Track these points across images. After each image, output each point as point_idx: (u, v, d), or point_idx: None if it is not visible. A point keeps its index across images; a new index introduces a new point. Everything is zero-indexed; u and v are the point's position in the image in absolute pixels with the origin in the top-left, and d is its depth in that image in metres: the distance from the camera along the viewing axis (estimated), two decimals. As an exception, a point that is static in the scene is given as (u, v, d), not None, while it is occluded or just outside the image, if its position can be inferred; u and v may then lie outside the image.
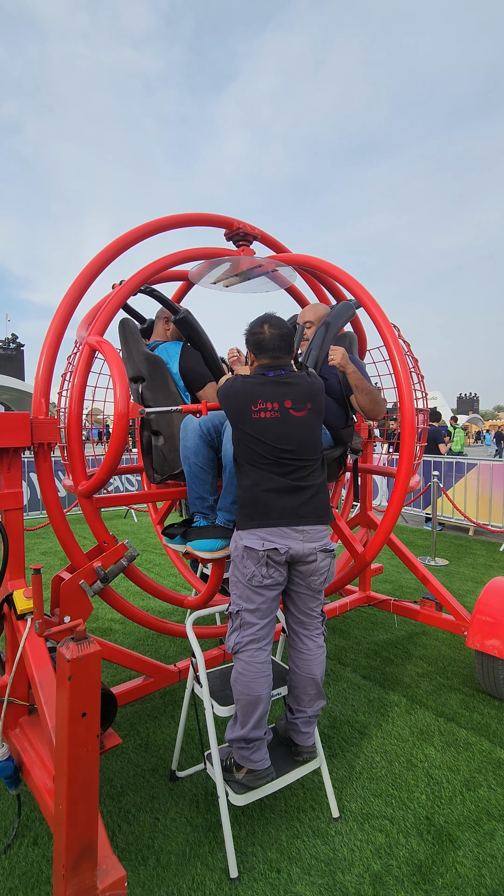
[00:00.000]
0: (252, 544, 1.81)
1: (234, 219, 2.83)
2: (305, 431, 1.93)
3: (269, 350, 2.00)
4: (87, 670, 1.18)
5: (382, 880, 1.69)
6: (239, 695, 1.82)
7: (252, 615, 1.83)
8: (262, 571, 1.81)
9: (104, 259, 2.34)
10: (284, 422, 1.89)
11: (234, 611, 1.87)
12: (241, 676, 1.82)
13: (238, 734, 1.83)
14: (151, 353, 2.48)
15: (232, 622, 1.88)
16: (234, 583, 1.88)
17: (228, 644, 1.88)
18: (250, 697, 1.80)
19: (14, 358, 27.77)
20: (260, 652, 1.84)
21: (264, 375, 1.97)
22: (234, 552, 1.88)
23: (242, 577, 1.84)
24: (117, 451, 2.03)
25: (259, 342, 2.01)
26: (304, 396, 1.94)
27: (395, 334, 2.48)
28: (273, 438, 1.87)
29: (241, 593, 1.85)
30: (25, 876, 1.72)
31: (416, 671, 3.12)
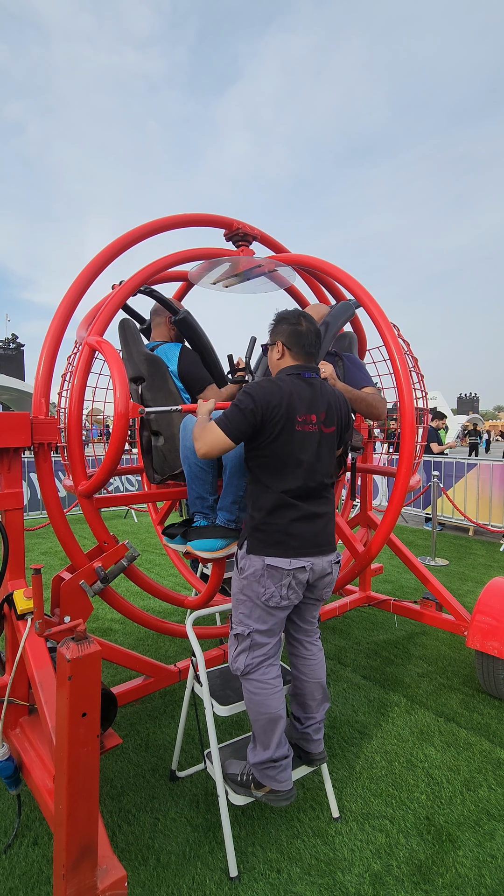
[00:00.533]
0: (277, 563, 1.68)
1: (233, 219, 2.83)
2: (331, 451, 1.79)
3: (306, 346, 1.81)
4: (87, 670, 1.18)
5: (382, 880, 1.69)
6: (256, 716, 1.74)
7: (263, 635, 1.75)
8: (281, 592, 1.69)
9: (104, 259, 2.34)
10: (318, 438, 1.73)
11: (244, 632, 1.74)
12: (256, 696, 1.73)
13: (263, 756, 1.74)
14: (151, 353, 2.48)
15: (238, 643, 1.77)
16: (242, 602, 1.75)
17: (236, 666, 1.77)
18: (269, 716, 1.73)
19: (14, 358, 27.80)
20: (271, 668, 1.77)
21: (300, 377, 1.76)
22: (250, 570, 1.72)
23: (257, 596, 1.70)
24: (117, 451, 2.03)
25: (298, 334, 1.80)
26: (334, 411, 1.79)
27: (395, 333, 2.48)
28: (307, 457, 1.71)
29: (252, 613, 1.73)
30: (25, 876, 1.72)
31: (416, 671, 3.12)
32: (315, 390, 1.77)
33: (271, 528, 1.71)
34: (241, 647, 1.76)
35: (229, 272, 2.75)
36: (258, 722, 1.74)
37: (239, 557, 1.80)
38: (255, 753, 1.77)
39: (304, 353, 1.82)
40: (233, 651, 1.79)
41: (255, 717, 1.75)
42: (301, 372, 1.78)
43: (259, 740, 1.77)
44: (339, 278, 2.60)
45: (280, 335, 1.84)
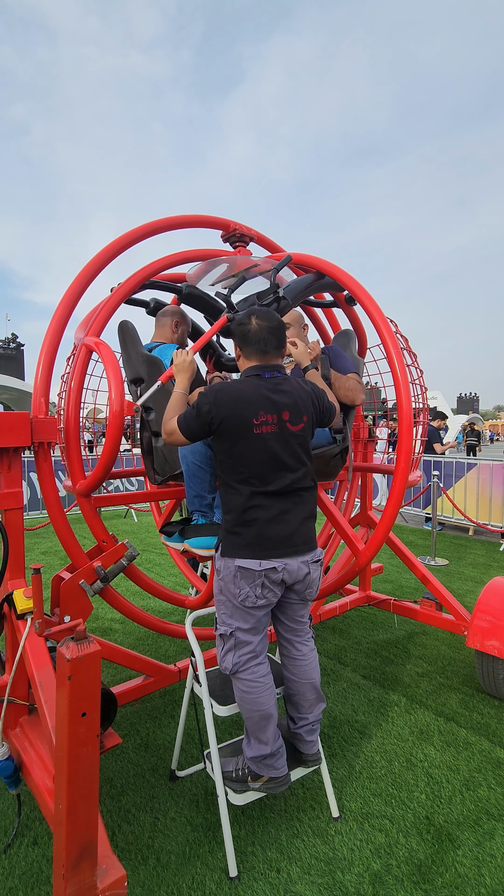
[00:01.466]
0: (247, 564, 1.70)
1: (230, 220, 2.85)
2: (300, 449, 1.77)
3: (255, 343, 1.79)
4: (87, 670, 1.18)
5: (382, 880, 1.69)
6: (248, 713, 1.75)
7: (247, 633, 1.76)
8: (256, 592, 1.71)
9: (102, 260, 2.35)
10: (282, 438, 1.72)
11: (227, 632, 1.76)
12: (247, 695, 1.74)
13: (259, 751, 1.76)
14: (150, 354, 2.48)
15: (224, 642, 1.78)
16: (222, 602, 1.78)
17: (224, 666, 1.78)
18: (261, 713, 1.74)
19: (14, 358, 27.81)
20: (260, 666, 1.78)
21: (259, 377, 1.77)
22: (224, 571, 1.75)
23: (233, 597, 1.73)
24: (113, 450, 2.03)
25: (244, 335, 1.80)
26: (300, 407, 1.78)
27: (392, 329, 2.48)
28: (271, 459, 1.70)
29: (231, 613, 1.76)
30: (25, 876, 1.73)
31: (416, 671, 3.12)
32: (276, 389, 1.75)
33: (242, 529, 1.73)
34: (227, 646, 1.78)
35: (227, 273, 2.76)
36: (251, 719, 1.76)
37: (216, 559, 1.82)
38: (251, 748, 1.78)
39: (258, 352, 1.81)
40: (220, 651, 1.81)
41: (248, 715, 1.76)
42: (261, 372, 1.78)
43: (253, 736, 1.78)
44: (336, 276, 2.60)
45: (235, 338, 1.86)
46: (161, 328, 2.69)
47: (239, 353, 1.87)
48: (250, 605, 1.72)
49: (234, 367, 3.20)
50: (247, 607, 1.72)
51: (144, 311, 2.85)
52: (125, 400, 2.02)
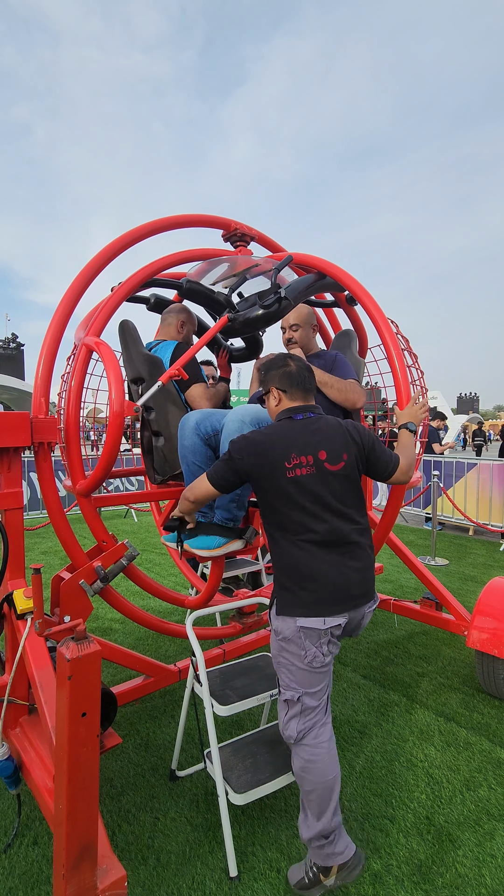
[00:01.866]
0: (311, 623, 1.56)
1: (231, 220, 2.85)
2: (347, 490, 1.65)
3: (299, 384, 1.74)
4: (87, 670, 1.17)
5: (382, 880, 1.69)
6: (311, 785, 1.60)
7: (314, 697, 1.62)
8: (322, 650, 1.58)
9: (103, 260, 2.35)
10: (322, 479, 1.60)
11: (294, 697, 1.61)
12: (312, 765, 1.60)
13: (317, 829, 1.60)
14: (151, 354, 2.48)
15: (289, 708, 1.64)
16: (284, 665, 1.64)
17: (288, 734, 1.64)
18: (326, 783, 1.59)
19: (14, 358, 27.80)
20: (325, 728, 1.64)
21: (291, 420, 1.70)
22: (285, 632, 1.60)
23: (300, 660, 1.59)
24: (113, 450, 2.03)
25: (289, 375, 1.75)
26: (339, 445, 1.66)
27: (392, 329, 2.48)
28: (313, 503, 1.59)
29: (299, 679, 1.61)
30: (25, 876, 1.72)
31: (416, 671, 3.12)
32: (309, 429, 1.68)
33: (297, 586, 1.60)
34: (292, 712, 1.64)
35: (228, 272, 2.76)
36: (314, 791, 1.60)
37: (272, 618, 1.69)
38: (309, 826, 1.62)
39: (300, 391, 1.76)
40: (283, 717, 1.66)
41: (310, 787, 1.60)
42: (292, 415, 1.72)
43: (312, 810, 1.62)
44: (337, 276, 2.60)
45: (273, 381, 1.79)
46: (166, 327, 2.67)
47: (279, 395, 1.78)
48: (318, 666, 1.60)
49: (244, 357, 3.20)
50: (314, 668, 1.60)
51: (145, 307, 2.85)
52: (125, 400, 2.01)
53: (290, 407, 1.75)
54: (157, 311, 2.91)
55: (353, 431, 1.74)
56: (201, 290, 2.68)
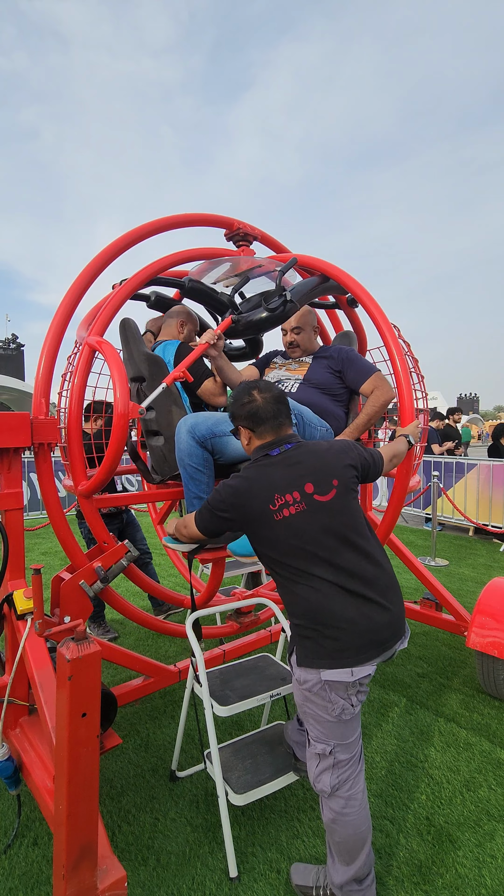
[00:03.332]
0: (337, 677, 1.43)
1: (234, 219, 2.84)
2: (345, 517, 1.51)
3: (268, 420, 1.63)
4: (87, 670, 1.17)
5: (382, 880, 1.69)
6: (341, 837, 1.50)
7: (346, 750, 1.50)
8: (352, 701, 1.47)
9: (105, 258, 2.34)
10: (315, 514, 1.48)
11: (325, 751, 1.50)
12: (344, 817, 1.49)
13: (349, 875, 1.51)
14: (152, 353, 2.48)
15: (320, 761, 1.52)
16: (311, 716, 1.51)
17: (321, 787, 1.52)
18: (358, 834, 1.50)
19: (14, 358, 27.79)
20: (358, 780, 1.53)
21: (268, 457, 1.60)
22: (307, 684, 1.48)
23: (329, 713, 1.46)
24: (117, 452, 2.03)
25: (254, 414, 1.63)
26: (326, 473, 1.54)
27: (395, 334, 2.48)
28: (311, 540, 1.46)
29: (329, 731, 1.49)
30: (25, 876, 1.72)
31: (416, 671, 3.12)
32: (289, 464, 1.56)
33: (318, 633, 1.46)
34: (324, 765, 1.52)
35: (230, 272, 2.76)
36: (346, 843, 1.50)
37: (293, 666, 1.55)
38: (338, 871, 1.52)
39: (271, 428, 1.65)
40: (314, 769, 1.54)
41: (340, 839, 1.50)
42: (268, 452, 1.61)
43: (341, 857, 1.52)
44: (340, 279, 2.60)
45: (239, 420, 1.68)
46: (167, 328, 2.69)
47: (249, 435, 1.68)
48: (349, 716, 1.48)
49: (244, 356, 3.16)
50: (346, 720, 1.48)
51: (145, 304, 2.85)
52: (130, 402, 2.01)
53: (264, 444, 1.65)
54: (157, 309, 2.90)
55: (342, 454, 1.63)
56: (203, 289, 2.68)
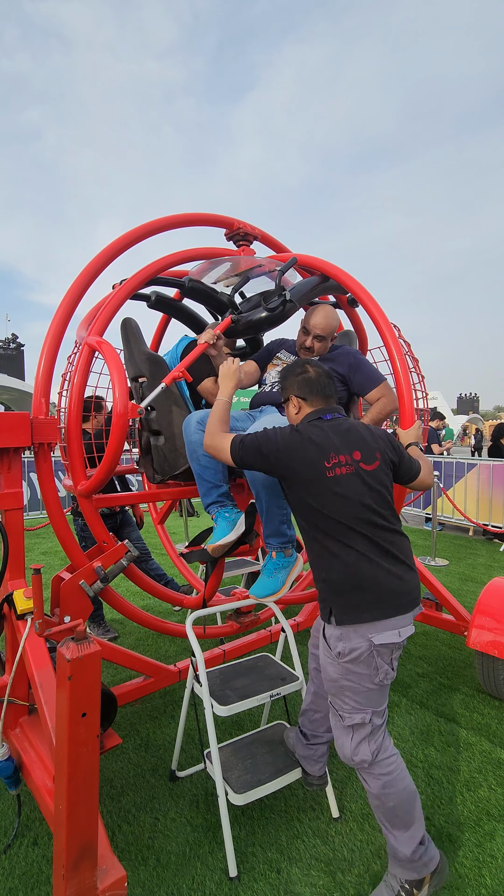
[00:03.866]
0: (389, 639, 1.48)
1: (234, 219, 2.84)
2: (382, 490, 1.59)
3: (320, 389, 1.72)
4: (87, 670, 1.17)
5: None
6: (395, 799, 1.51)
7: (380, 715, 1.55)
8: (394, 664, 1.53)
9: (105, 258, 2.34)
10: (360, 478, 1.55)
11: (364, 720, 1.52)
12: (392, 777, 1.52)
13: (415, 841, 1.52)
14: (153, 353, 2.48)
15: (354, 732, 1.54)
16: (348, 688, 1.52)
17: (361, 759, 1.53)
18: (407, 788, 1.54)
19: (14, 358, 27.79)
20: (389, 739, 1.58)
21: (321, 419, 1.66)
22: (353, 653, 1.49)
23: (370, 680, 1.49)
24: (116, 451, 2.02)
25: (308, 381, 1.73)
26: (371, 446, 1.63)
27: (395, 333, 2.48)
28: (357, 503, 1.52)
29: (367, 699, 1.52)
30: (25, 876, 1.72)
31: (416, 671, 3.12)
32: (341, 430, 1.63)
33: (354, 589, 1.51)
34: (360, 735, 1.54)
35: (230, 272, 2.76)
36: (400, 804, 1.52)
37: (332, 638, 1.55)
38: (403, 842, 1.52)
39: (321, 397, 1.73)
40: (349, 744, 1.55)
41: (394, 801, 1.51)
42: (321, 416, 1.68)
43: (400, 825, 1.52)
44: (340, 279, 2.60)
45: (291, 389, 1.77)
46: None
47: (299, 403, 1.75)
48: (388, 682, 1.52)
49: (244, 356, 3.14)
50: (384, 685, 1.52)
51: (146, 304, 2.85)
52: (129, 402, 2.01)
53: (317, 409, 1.72)
54: (158, 309, 2.90)
55: (383, 435, 1.72)
56: (203, 289, 2.68)
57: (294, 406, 1.77)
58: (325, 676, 1.61)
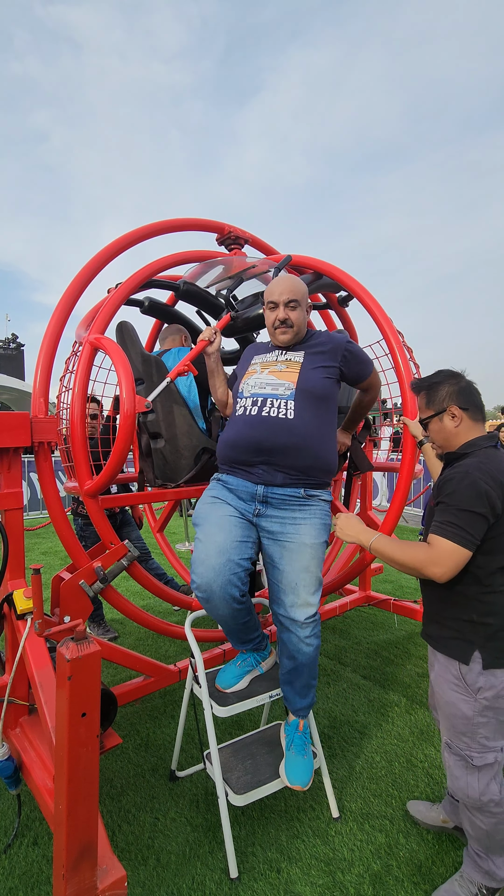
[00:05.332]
0: None
1: (224, 223, 2.89)
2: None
3: (478, 400, 1.60)
4: (87, 670, 1.17)
5: (382, 880, 1.69)
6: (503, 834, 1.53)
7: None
8: None
9: (101, 261, 2.37)
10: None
11: (497, 759, 1.49)
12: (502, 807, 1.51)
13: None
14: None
15: (485, 772, 1.51)
16: (483, 726, 1.49)
17: (490, 798, 1.50)
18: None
19: (14, 358, 27.77)
20: None
21: (496, 448, 1.54)
22: (495, 689, 1.47)
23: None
24: (123, 450, 2.02)
25: (468, 391, 1.60)
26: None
27: (393, 326, 2.49)
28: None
29: (500, 733, 1.49)
30: (25, 876, 1.72)
31: (416, 671, 3.12)
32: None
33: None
34: (490, 774, 1.51)
35: (223, 274, 2.77)
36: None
37: (471, 674, 1.49)
38: (499, 866, 1.55)
39: (480, 413, 1.60)
40: (476, 784, 1.51)
41: (502, 836, 1.52)
42: (495, 443, 1.55)
43: (501, 851, 1.54)
44: (334, 274, 2.61)
45: (451, 399, 1.60)
46: (171, 342, 2.76)
47: (461, 415, 1.58)
48: None
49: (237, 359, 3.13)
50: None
51: (139, 310, 2.87)
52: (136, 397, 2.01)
53: (483, 435, 1.58)
54: (151, 315, 2.92)
55: None
56: (198, 292, 2.69)
57: (454, 419, 1.60)
58: (451, 713, 1.55)
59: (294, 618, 1.78)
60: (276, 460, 1.83)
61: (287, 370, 1.95)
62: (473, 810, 1.55)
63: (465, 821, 1.60)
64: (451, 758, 1.59)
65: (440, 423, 1.63)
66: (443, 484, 1.51)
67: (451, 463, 1.60)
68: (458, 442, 1.60)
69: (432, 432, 1.67)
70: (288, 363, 1.98)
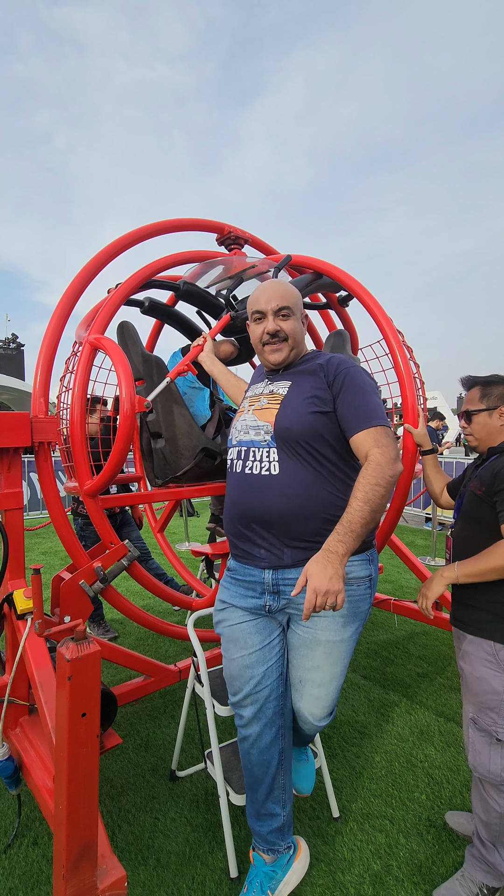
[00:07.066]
0: None
1: (224, 223, 2.89)
2: None
3: None
4: (87, 670, 1.17)
5: (382, 880, 1.69)
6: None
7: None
8: None
9: (101, 261, 2.37)
10: None
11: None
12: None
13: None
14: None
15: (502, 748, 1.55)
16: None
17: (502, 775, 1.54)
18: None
19: (14, 358, 27.76)
20: None
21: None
22: None
23: None
24: (124, 449, 2.02)
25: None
26: None
27: (393, 326, 2.49)
28: None
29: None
30: (25, 876, 1.72)
31: (416, 671, 3.12)
32: None
33: None
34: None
35: (223, 274, 2.78)
36: None
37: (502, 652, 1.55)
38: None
39: None
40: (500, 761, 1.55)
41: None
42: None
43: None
44: (334, 274, 2.61)
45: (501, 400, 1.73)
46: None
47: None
48: None
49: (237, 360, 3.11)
50: None
51: (139, 310, 2.86)
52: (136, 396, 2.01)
53: None
54: (151, 315, 2.91)
55: None
56: (198, 292, 2.69)
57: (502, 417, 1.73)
58: (481, 689, 1.59)
59: (299, 709, 1.59)
60: (276, 531, 1.44)
61: (269, 405, 1.52)
62: (490, 789, 1.58)
63: (478, 804, 1.62)
64: (476, 734, 1.61)
65: (488, 419, 1.75)
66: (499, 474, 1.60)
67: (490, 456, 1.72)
68: (499, 439, 1.73)
69: (476, 424, 1.77)
70: (271, 396, 1.54)
